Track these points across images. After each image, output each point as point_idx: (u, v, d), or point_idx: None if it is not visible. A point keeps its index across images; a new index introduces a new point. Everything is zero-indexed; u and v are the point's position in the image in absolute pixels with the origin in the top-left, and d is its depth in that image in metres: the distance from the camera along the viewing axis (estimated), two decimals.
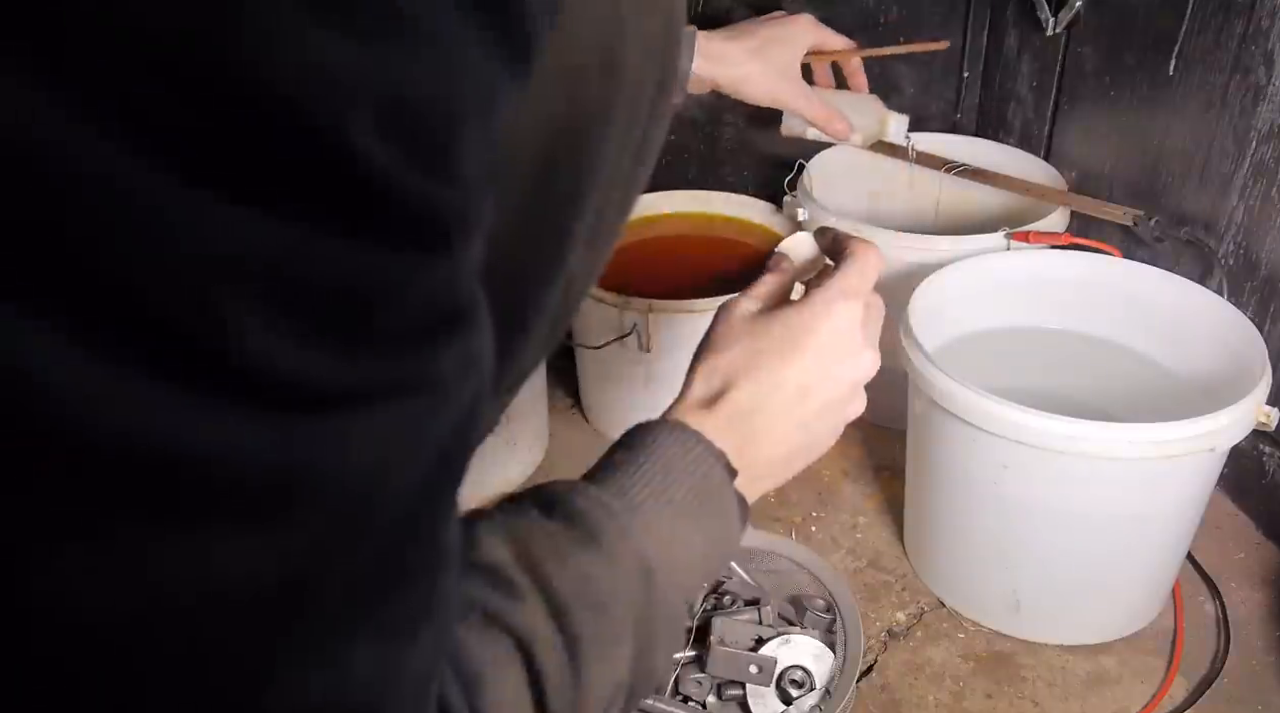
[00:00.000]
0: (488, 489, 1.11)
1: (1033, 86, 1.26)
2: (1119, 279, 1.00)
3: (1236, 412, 0.78)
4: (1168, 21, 1.00)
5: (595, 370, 1.17)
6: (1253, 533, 1.03)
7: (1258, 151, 0.93)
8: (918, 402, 0.91)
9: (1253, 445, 1.00)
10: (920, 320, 0.90)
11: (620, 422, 1.19)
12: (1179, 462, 0.79)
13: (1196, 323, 0.94)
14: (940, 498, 0.93)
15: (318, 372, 0.23)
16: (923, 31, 1.32)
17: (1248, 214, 0.96)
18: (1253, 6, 0.90)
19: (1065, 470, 0.81)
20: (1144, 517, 0.84)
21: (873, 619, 0.95)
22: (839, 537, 1.06)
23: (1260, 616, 0.94)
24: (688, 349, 1.16)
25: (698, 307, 1.05)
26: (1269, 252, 0.94)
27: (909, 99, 1.37)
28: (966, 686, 0.89)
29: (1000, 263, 1.03)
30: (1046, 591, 0.90)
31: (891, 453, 1.15)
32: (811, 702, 0.80)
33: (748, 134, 1.34)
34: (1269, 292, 0.95)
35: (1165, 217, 1.04)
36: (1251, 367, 0.84)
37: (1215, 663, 0.89)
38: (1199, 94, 0.98)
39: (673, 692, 0.82)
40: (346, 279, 0.22)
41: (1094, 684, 0.88)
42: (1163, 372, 0.98)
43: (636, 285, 1.09)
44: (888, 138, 1.14)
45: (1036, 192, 1.16)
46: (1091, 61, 1.14)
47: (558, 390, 1.28)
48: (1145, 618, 0.93)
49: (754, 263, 1.21)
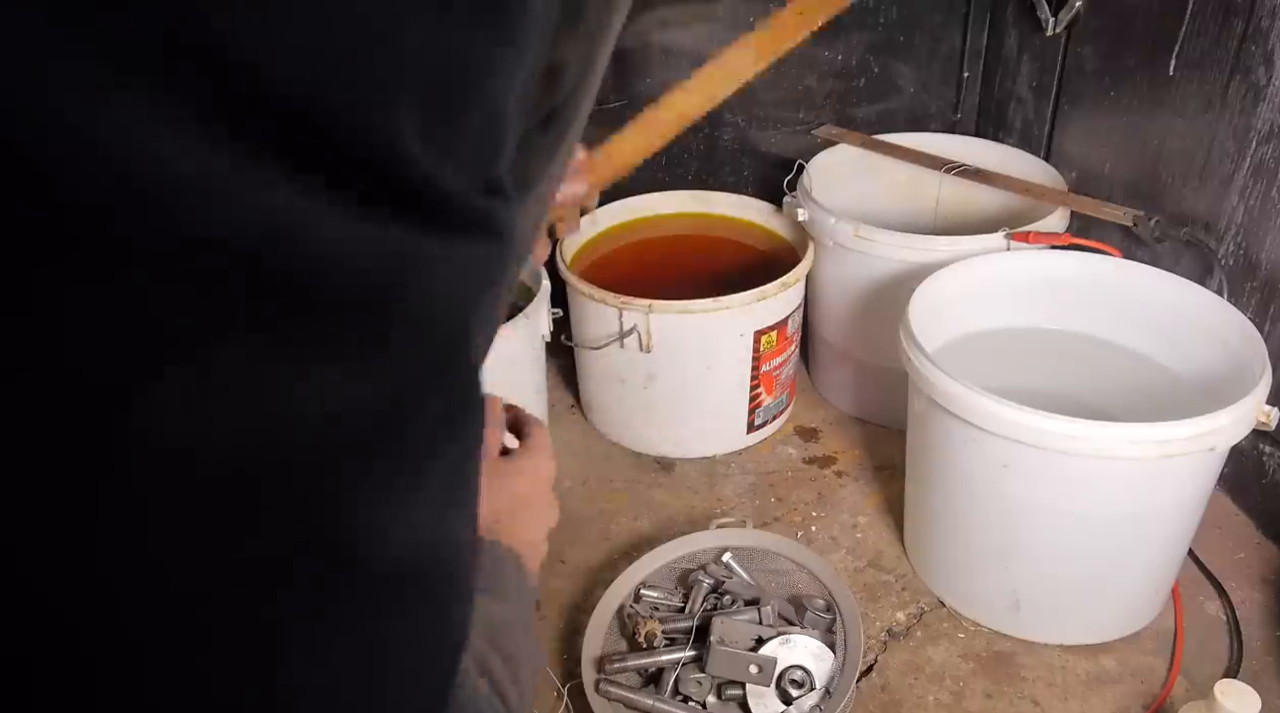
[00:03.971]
0: None
1: (1033, 86, 1.26)
2: (1119, 279, 1.00)
3: (1236, 412, 0.78)
4: (1168, 21, 1.00)
5: (595, 370, 1.17)
6: (1253, 533, 1.03)
7: (1258, 152, 0.93)
8: (918, 402, 0.91)
9: (1253, 445, 1.00)
10: (920, 320, 0.90)
11: (620, 422, 1.19)
12: (1179, 462, 0.79)
13: (1196, 323, 0.94)
14: (940, 498, 0.93)
15: (455, 187, 0.22)
16: (923, 31, 1.32)
17: (1248, 214, 0.96)
18: (1253, 6, 0.90)
19: (1065, 470, 0.81)
20: (1144, 517, 0.84)
21: (873, 619, 0.95)
22: (839, 537, 1.06)
23: (1260, 616, 0.94)
24: (688, 349, 1.16)
25: (698, 307, 1.06)
26: (1269, 252, 0.94)
27: (909, 99, 1.37)
28: (966, 686, 0.89)
29: (1000, 263, 1.03)
30: (1046, 591, 0.90)
31: (891, 453, 1.15)
32: (811, 702, 0.80)
33: (748, 134, 1.34)
34: (1269, 292, 0.95)
35: (1165, 217, 1.04)
36: (1251, 367, 0.84)
37: (1231, 664, 0.89)
38: (1199, 94, 0.98)
39: (673, 692, 0.82)
40: (493, 102, 0.22)
41: (1094, 684, 0.88)
42: (1163, 372, 0.98)
43: (636, 285, 1.09)
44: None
45: (1036, 192, 1.16)
46: (1091, 61, 1.14)
47: (558, 390, 1.28)
48: (1145, 618, 0.93)
49: (754, 263, 1.21)
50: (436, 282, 0.23)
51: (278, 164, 0.20)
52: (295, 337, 0.21)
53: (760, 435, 1.20)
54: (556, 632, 0.95)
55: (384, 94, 0.21)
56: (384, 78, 0.20)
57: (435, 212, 0.22)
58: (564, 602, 0.98)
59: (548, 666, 0.91)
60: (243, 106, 0.19)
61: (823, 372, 1.28)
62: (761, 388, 1.15)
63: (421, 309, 0.23)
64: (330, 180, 0.20)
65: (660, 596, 0.90)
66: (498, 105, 0.24)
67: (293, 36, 0.19)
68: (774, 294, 1.08)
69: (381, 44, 0.20)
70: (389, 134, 0.21)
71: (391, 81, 0.21)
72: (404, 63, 0.21)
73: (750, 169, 1.37)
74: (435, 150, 0.22)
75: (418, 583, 0.26)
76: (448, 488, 0.27)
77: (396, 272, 0.22)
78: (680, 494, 1.12)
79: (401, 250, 0.22)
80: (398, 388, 0.23)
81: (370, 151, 0.21)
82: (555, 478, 0.60)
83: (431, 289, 0.23)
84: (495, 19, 0.22)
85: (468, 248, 0.24)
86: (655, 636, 0.84)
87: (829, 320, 1.21)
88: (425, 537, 0.26)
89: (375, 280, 0.22)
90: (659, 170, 1.33)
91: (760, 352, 1.12)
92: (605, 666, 0.84)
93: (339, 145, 0.20)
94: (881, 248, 1.08)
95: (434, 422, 0.25)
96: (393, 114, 0.21)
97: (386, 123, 0.21)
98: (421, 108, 0.21)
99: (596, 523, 1.08)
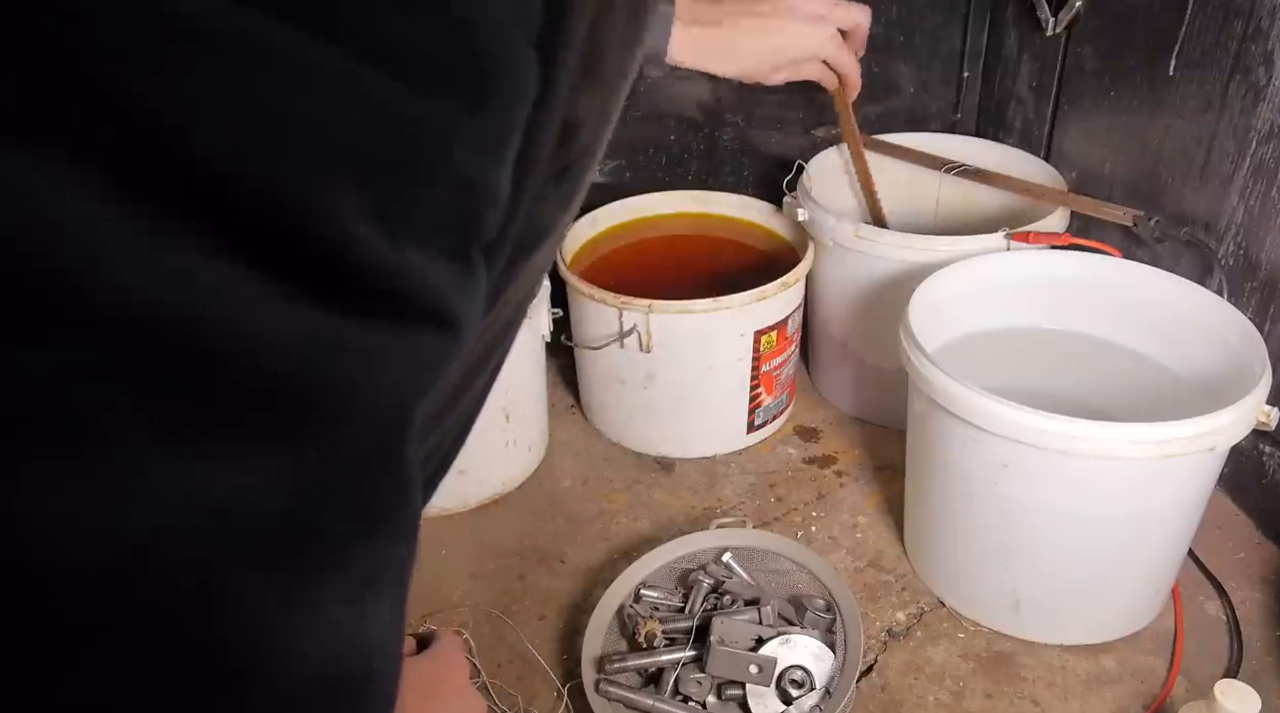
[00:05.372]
0: (489, 489, 1.11)
1: (1033, 86, 1.26)
2: (1119, 279, 1.00)
3: (1236, 412, 0.78)
4: (1168, 21, 1.00)
5: (595, 370, 1.17)
6: (1253, 533, 1.03)
7: (1258, 152, 0.93)
8: (918, 402, 0.91)
9: (1253, 445, 1.00)
10: (920, 320, 0.90)
11: (620, 422, 1.19)
12: (1179, 462, 0.79)
13: (1196, 323, 0.94)
14: (940, 498, 0.93)
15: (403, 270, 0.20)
16: (923, 31, 1.32)
17: (1248, 214, 0.96)
18: (1253, 6, 0.90)
19: (1065, 470, 0.81)
20: (1144, 517, 0.84)
21: (873, 619, 0.95)
22: (839, 537, 1.06)
23: (1260, 616, 0.94)
24: (688, 349, 1.16)
25: (698, 307, 1.06)
26: (1269, 252, 0.94)
27: (909, 99, 1.37)
28: (966, 686, 0.89)
29: (1000, 263, 1.03)
30: (1046, 591, 0.90)
31: (891, 453, 1.15)
32: (811, 702, 0.81)
33: (748, 134, 1.34)
34: (1269, 292, 0.95)
35: (1165, 217, 1.04)
36: (1251, 367, 0.84)
37: (1231, 664, 0.89)
38: (1199, 94, 0.98)
39: (673, 692, 0.82)
40: (464, 171, 0.21)
41: (1094, 684, 0.88)
42: (1163, 372, 0.98)
43: (636, 285, 1.09)
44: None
45: (1036, 192, 1.16)
46: (1091, 61, 1.14)
47: (558, 390, 1.28)
48: (1145, 618, 0.93)
49: (754, 263, 1.21)
50: (368, 372, 0.21)
51: (193, 238, 0.18)
52: (191, 422, 0.19)
53: (760, 435, 1.20)
54: (556, 632, 0.95)
55: (317, 167, 0.19)
56: (318, 150, 0.19)
57: (374, 297, 0.21)
58: (564, 602, 0.98)
59: (548, 665, 0.91)
60: (159, 174, 0.17)
61: (823, 372, 1.28)
62: (761, 388, 1.15)
63: (348, 400, 0.21)
64: (252, 259, 0.19)
65: (660, 596, 0.90)
66: (470, 173, 0.22)
67: (219, 103, 0.18)
68: (774, 294, 1.08)
69: (317, 114, 0.19)
70: (321, 211, 0.19)
71: (327, 154, 0.19)
72: (344, 134, 0.19)
73: (750, 169, 1.37)
74: (386, 229, 0.20)
75: (326, 696, 0.24)
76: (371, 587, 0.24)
77: (320, 360, 0.20)
78: (680, 494, 1.13)
79: (328, 337, 0.20)
80: (311, 483, 0.21)
81: (298, 229, 0.19)
82: (471, 675, 0.61)
83: (362, 380, 0.21)
84: (460, 86, 0.20)
85: (412, 337, 0.22)
86: (655, 636, 0.85)
87: (829, 320, 1.21)
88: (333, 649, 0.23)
89: (292, 368, 0.20)
90: (659, 170, 1.33)
91: (760, 352, 1.12)
92: (605, 666, 0.84)
93: (263, 222, 0.18)
94: (881, 248, 1.08)
95: (357, 518, 0.23)
96: (327, 189, 0.19)
97: (319, 198, 0.19)
98: (367, 182, 0.19)
99: (596, 523, 1.08)
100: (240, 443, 0.20)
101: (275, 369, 0.19)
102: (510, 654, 0.92)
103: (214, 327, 0.18)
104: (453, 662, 0.59)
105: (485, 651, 0.93)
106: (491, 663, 0.92)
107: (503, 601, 0.98)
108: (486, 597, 0.99)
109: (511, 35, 0.22)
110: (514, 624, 0.95)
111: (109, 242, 0.17)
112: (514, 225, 0.26)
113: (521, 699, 0.88)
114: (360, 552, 0.24)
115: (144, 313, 0.18)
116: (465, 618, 0.96)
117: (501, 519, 1.09)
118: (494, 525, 1.08)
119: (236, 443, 0.20)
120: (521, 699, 0.88)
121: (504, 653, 0.93)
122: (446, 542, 1.06)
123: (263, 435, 0.20)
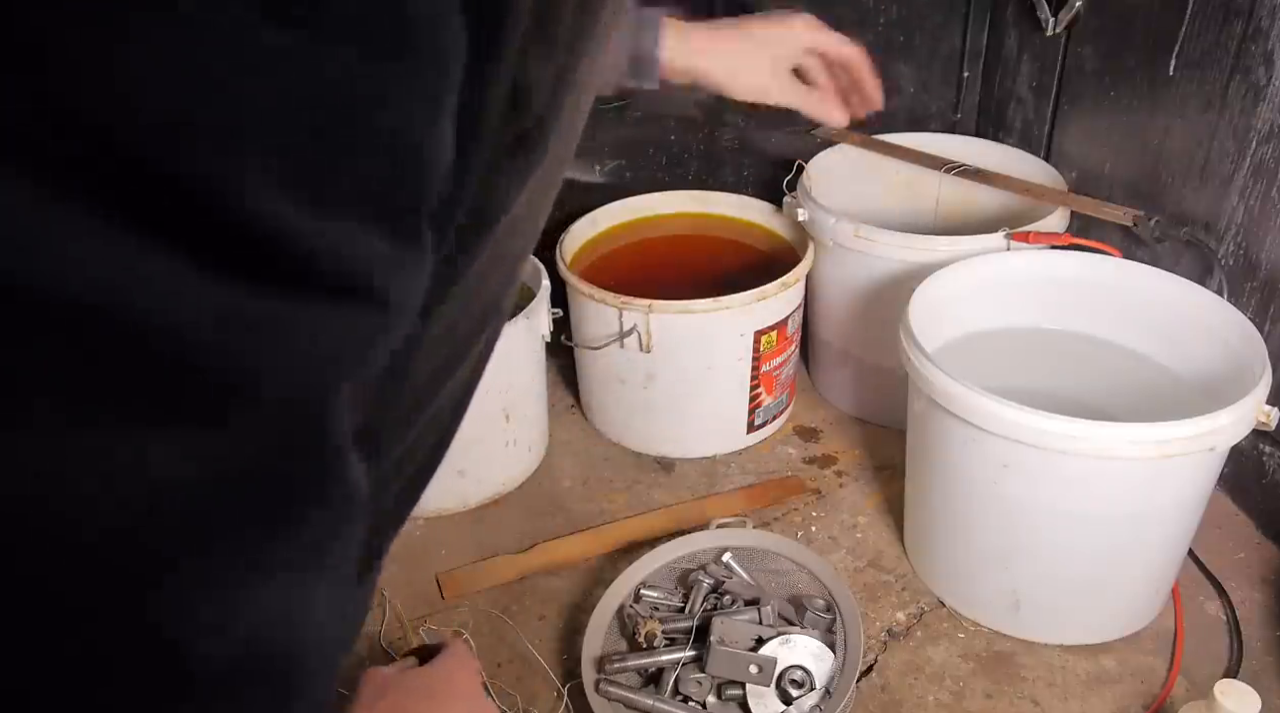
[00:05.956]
0: (489, 488, 1.11)
1: (1033, 86, 1.26)
2: (1119, 279, 1.00)
3: (1236, 412, 0.78)
4: (1168, 21, 1.00)
5: (595, 370, 1.17)
6: (1253, 533, 1.03)
7: (1258, 152, 0.93)
8: (918, 402, 0.91)
9: (1253, 445, 1.00)
10: (920, 320, 0.90)
11: (620, 422, 1.19)
12: (1179, 462, 0.79)
13: (1196, 323, 0.94)
14: (940, 498, 0.93)
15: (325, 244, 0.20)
16: (923, 31, 1.32)
17: (1248, 214, 0.96)
18: (1253, 6, 0.90)
19: (1065, 470, 0.81)
20: (1144, 517, 0.84)
21: (873, 619, 0.95)
22: (839, 537, 1.06)
23: (1260, 616, 0.94)
24: (688, 349, 1.16)
25: (698, 307, 1.06)
26: (1269, 252, 0.94)
27: (909, 99, 1.37)
28: (966, 686, 0.89)
29: (1000, 263, 1.03)
30: (1046, 591, 0.90)
31: (891, 453, 1.15)
32: (811, 702, 0.80)
33: (748, 134, 1.34)
34: (1269, 292, 0.95)
35: (1165, 217, 1.04)
36: (1251, 367, 0.84)
37: (1231, 664, 0.89)
38: (1199, 94, 0.98)
39: (673, 692, 0.82)
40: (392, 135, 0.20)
41: (1094, 684, 0.88)
42: (1163, 372, 0.98)
43: (636, 285, 1.09)
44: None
45: (1036, 192, 1.16)
46: (1091, 61, 1.14)
47: (558, 390, 1.28)
48: (1145, 618, 0.93)
49: (754, 263, 1.21)
50: (280, 348, 0.21)
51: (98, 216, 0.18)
52: (102, 401, 0.19)
53: (760, 435, 1.20)
54: (556, 632, 0.95)
55: (220, 133, 0.18)
56: (223, 121, 0.18)
57: (286, 271, 0.20)
58: (564, 602, 0.98)
59: (548, 665, 0.91)
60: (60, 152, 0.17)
61: (823, 372, 1.28)
62: (761, 388, 1.15)
63: (260, 377, 0.21)
64: (160, 235, 0.18)
65: (660, 596, 0.90)
66: (400, 138, 0.21)
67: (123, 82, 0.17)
68: (774, 294, 1.08)
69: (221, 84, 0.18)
70: (224, 179, 0.18)
71: (231, 119, 0.18)
72: (250, 103, 0.18)
73: (750, 169, 1.37)
74: (303, 196, 0.19)
75: (253, 677, 0.24)
76: (300, 570, 0.24)
77: (229, 336, 0.20)
78: (680, 494, 1.13)
79: (235, 313, 0.20)
80: (234, 462, 0.21)
81: (209, 205, 0.18)
82: (483, 675, 0.63)
83: (273, 357, 0.21)
84: (377, 39, 0.20)
85: (332, 312, 0.21)
86: (655, 636, 0.85)
87: (829, 320, 1.21)
88: (262, 630, 0.23)
89: (200, 344, 0.19)
90: (659, 170, 1.33)
91: (760, 352, 1.12)
92: (605, 666, 0.84)
93: (174, 199, 0.18)
94: (881, 248, 1.08)
95: (282, 499, 0.23)
96: (236, 160, 0.18)
97: (227, 171, 0.18)
98: (281, 151, 0.19)
99: (596, 523, 1.08)
100: (153, 423, 0.20)
101: (184, 345, 0.19)
102: (510, 654, 0.92)
103: (122, 303, 0.18)
104: (463, 669, 0.60)
105: (485, 651, 0.93)
106: (491, 663, 0.92)
107: (503, 600, 0.98)
108: (486, 597, 0.99)
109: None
110: (514, 624, 0.95)
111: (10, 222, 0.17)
112: (463, 192, 0.25)
113: (521, 699, 0.88)
114: (286, 531, 0.23)
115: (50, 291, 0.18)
116: (465, 618, 0.96)
117: (501, 519, 1.09)
118: (494, 526, 1.08)
119: (149, 423, 0.20)
120: (521, 699, 0.88)
121: (504, 653, 0.93)
122: (446, 542, 1.06)
123: (175, 413, 0.20)
